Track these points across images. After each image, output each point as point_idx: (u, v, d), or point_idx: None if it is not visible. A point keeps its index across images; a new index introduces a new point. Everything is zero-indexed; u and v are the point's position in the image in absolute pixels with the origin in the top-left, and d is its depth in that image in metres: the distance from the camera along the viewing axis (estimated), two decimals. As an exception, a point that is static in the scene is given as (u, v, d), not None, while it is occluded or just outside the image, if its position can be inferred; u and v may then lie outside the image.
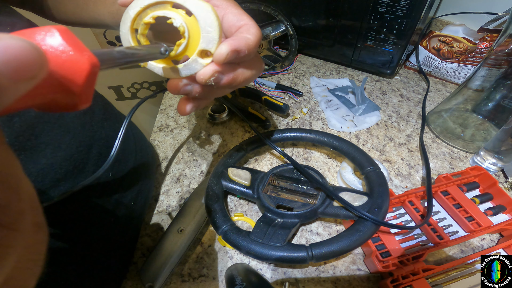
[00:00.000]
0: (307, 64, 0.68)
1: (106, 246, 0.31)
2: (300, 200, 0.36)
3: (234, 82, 0.20)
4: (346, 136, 0.50)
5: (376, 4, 0.51)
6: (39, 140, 0.22)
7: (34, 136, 0.22)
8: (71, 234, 0.26)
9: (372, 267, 0.32)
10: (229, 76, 0.20)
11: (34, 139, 0.22)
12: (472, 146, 0.46)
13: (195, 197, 0.39)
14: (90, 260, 0.29)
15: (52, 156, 0.23)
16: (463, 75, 0.57)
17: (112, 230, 0.32)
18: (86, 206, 0.28)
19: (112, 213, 0.31)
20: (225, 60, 0.18)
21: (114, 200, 0.31)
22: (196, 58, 0.19)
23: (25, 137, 0.21)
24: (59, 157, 0.24)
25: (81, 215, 0.27)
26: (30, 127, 0.21)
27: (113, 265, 0.32)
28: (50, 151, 0.23)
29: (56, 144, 0.23)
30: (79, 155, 0.26)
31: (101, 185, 0.29)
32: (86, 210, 0.28)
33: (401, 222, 0.37)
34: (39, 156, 0.22)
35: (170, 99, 0.59)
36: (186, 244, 0.34)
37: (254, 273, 0.32)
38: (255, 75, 0.22)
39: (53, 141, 0.23)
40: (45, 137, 0.23)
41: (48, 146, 0.23)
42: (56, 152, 0.23)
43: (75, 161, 0.25)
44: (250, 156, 0.47)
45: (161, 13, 0.19)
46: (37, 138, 0.22)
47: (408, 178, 0.43)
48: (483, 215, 0.34)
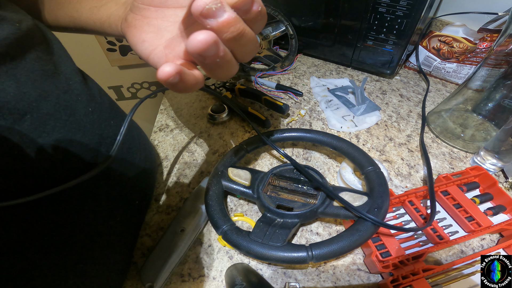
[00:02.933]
0: (307, 64, 0.68)
1: (110, 245, 0.31)
2: (300, 200, 0.36)
3: (234, 25, 0.17)
4: (346, 136, 0.50)
5: (376, 4, 0.51)
6: (51, 137, 0.22)
7: (45, 133, 0.22)
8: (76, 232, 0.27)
9: (372, 267, 0.32)
10: (231, 14, 0.16)
11: (46, 136, 0.22)
12: (472, 146, 0.46)
13: (195, 197, 0.39)
14: (94, 259, 0.29)
15: (64, 153, 0.23)
16: (463, 75, 0.57)
17: (117, 229, 0.32)
18: (95, 204, 0.28)
19: (120, 212, 0.31)
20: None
21: (122, 199, 0.31)
22: None
23: (37, 134, 0.21)
24: (70, 156, 0.24)
25: (89, 213, 0.27)
26: (42, 124, 0.21)
27: (115, 265, 0.32)
28: (62, 148, 0.23)
29: (68, 141, 0.24)
30: (89, 153, 0.26)
31: (110, 183, 0.30)
32: (95, 208, 0.28)
33: (401, 222, 0.37)
34: (50, 154, 0.22)
35: (170, 99, 0.59)
36: (186, 244, 0.34)
37: (254, 273, 0.32)
38: (253, 40, 0.19)
39: (65, 138, 0.23)
40: (57, 134, 0.23)
41: (60, 143, 0.23)
42: (68, 149, 0.24)
43: (84, 159, 0.25)
44: (250, 156, 0.47)
45: None
46: (49, 134, 0.22)
47: (408, 178, 0.43)
48: (483, 215, 0.34)
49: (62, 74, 0.25)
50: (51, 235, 0.24)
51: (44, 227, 0.24)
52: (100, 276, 0.30)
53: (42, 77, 0.22)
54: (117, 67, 1.00)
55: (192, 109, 0.56)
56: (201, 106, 0.57)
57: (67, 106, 0.24)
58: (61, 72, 0.25)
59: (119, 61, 0.96)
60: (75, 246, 0.27)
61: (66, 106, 0.24)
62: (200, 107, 0.57)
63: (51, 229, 0.24)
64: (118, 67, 1.00)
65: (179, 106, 0.58)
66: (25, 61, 0.21)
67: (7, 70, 0.20)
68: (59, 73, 0.25)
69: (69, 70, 0.27)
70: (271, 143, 0.40)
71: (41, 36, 0.25)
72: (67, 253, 0.26)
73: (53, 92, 0.23)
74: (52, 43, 0.26)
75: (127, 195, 0.33)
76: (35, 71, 0.22)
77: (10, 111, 0.20)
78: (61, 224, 0.25)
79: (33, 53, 0.22)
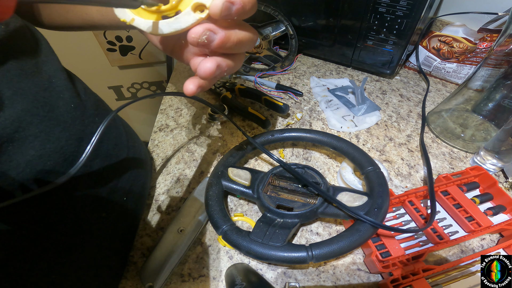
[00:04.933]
0: (307, 64, 0.68)
1: (99, 242, 0.31)
2: (300, 200, 0.36)
3: (228, 41, 0.19)
4: (346, 136, 0.50)
5: (376, 4, 0.51)
6: (27, 132, 0.23)
7: (21, 128, 0.22)
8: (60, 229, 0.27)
9: (372, 267, 0.32)
10: (222, 35, 0.19)
11: (22, 131, 0.22)
12: (472, 146, 0.46)
13: (195, 197, 0.39)
14: (83, 257, 0.29)
15: (41, 148, 0.24)
16: (463, 75, 0.57)
17: (104, 225, 0.32)
18: (76, 199, 0.28)
19: (104, 207, 0.31)
20: (222, 12, 0.17)
21: (106, 194, 0.31)
22: (189, 11, 0.18)
23: (12, 129, 0.21)
24: (48, 149, 0.24)
25: (70, 209, 0.27)
26: (16, 120, 0.22)
27: (107, 264, 0.32)
28: (39, 143, 0.23)
29: (45, 136, 0.24)
30: (69, 147, 0.26)
31: (92, 179, 0.30)
32: (76, 204, 0.28)
33: (401, 222, 0.37)
34: (27, 147, 0.23)
35: (170, 99, 0.59)
36: (186, 244, 0.34)
37: (254, 273, 0.32)
38: (248, 38, 0.21)
39: (42, 133, 0.24)
40: (34, 129, 0.23)
41: (37, 138, 0.23)
42: (45, 144, 0.24)
43: (64, 153, 0.26)
44: (250, 156, 0.47)
45: None
46: (24, 130, 0.22)
47: (408, 178, 0.43)
48: (483, 215, 0.34)
49: (44, 73, 0.25)
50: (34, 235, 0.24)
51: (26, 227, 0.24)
52: (89, 275, 0.30)
53: (19, 76, 0.23)
54: (117, 67, 1.00)
55: (192, 109, 0.56)
56: (201, 106, 0.57)
57: (46, 103, 0.24)
58: (43, 71, 0.25)
59: (119, 61, 0.96)
60: (59, 244, 0.27)
61: (45, 102, 0.24)
62: (200, 107, 0.57)
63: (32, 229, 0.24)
64: (118, 67, 1.00)
65: (179, 106, 0.58)
66: (6, 63, 0.22)
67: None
68: (41, 72, 0.25)
69: (53, 69, 0.27)
70: (262, 147, 0.38)
71: (29, 37, 0.25)
72: (51, 251, 0.26)
73: (31, 89, 0.23)
74: (40, 43, 0.27)
75: (112, 192, 0.33)
76: (12, 71, 0.22)
77: None
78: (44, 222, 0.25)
79: (13, 54, 0.23)
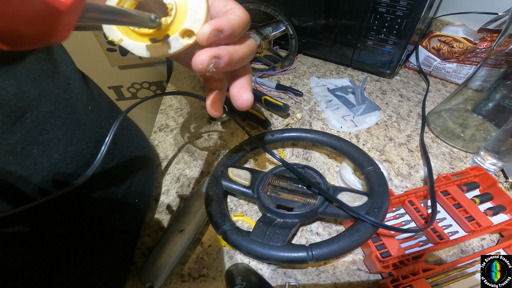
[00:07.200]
0: (307, 64, 0.68)
1: (110, 244, 0.31)
2: (300, 200, 0.36)
3: (232, 61, 0.20)
4: (346, 136, 0.50)
5: (376, 4, 0.51)
6: (51, 135, 0.23)
7: (46, 130, 0.22)
8: (78, 232, 0.27)
9: (372, 267, 0.32)
10: (226, 58, 0.19)
11: (46, 134, 0.22)
12: (472, 146, 0.46)
13: (195, 197, 0.39)
14: (93, 259, 0.29)
15: (64, 151, 0.24)
16: (463, 75, 0.57)
17: (116, 228, 0.32)
18: (93, 201, 0.28)
19: (118, 209, 0.32)
20: (208, 40, 0.18)
21: (121, 195, 0.32)
22: (177, 37, 0.19)
23: (37, 131, 0.21)
24: (71, 152, 0.24)
25: (87, 211, 0.28)
26: (42, 122, 0.22)
27: (116, 264, 0.32)
28: (62, 146, 0.23)
29: (68, 139, 0.24)
30: (88, 150, 0.26)
31: (109, 180, 0.30)
32: (93, 206, 0.28)
33: (401, 222, 0.37)
34: (52, 150, 0.23)
35: (170, 99, 0.59)
36: (186, 244, 0.34)
37: (254, 273, 0.32)
38: (248, 52, 0.21)
39: (65, 136, 0.24)
40: (58, 131, 0.23)
41: (60, 141, 0.23)
42: (68, 147, 0.24)
43: (85, 156, 0.26)
44: (250, 156, 0.47)
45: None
46: (49, 132, 0.22)
47: (408, 178, 0.43)
48: (483, 215, 0.34)
49: (62, 73, 0.25)
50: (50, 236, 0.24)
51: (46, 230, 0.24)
52: (100, 276, 0.30)
53: (41, 76, 0.23)
54: (117, 67, 1.00)
55: (192, 109, 0.56)
56: (201, 106, 0.57)
57: (67, 105, 0.25)
58: (60, 71, 0.25)
59: (119, 61, 0.96)
60: (75, 246, 0.27)
61: (66, 104, 0.24)
62: (200, 107, 0.57)
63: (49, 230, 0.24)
64: (118, 67, 1.00)
65: (179, 106, 0.58)
66: (25, 60, 0.22)
67: (7, 69, 0.20)
68: (59, 73, 0.25)
69: (69, 69, 0.27)
70: (264, 147, 0.39)
71: None
72: (67, 253, 0.26)
73: (53, 91, 0.23)
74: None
75: (126, 193, 0.33)
76: (34, 71, 0.22)
77: (12, 109, 0.20)
78: (59, 224, 0.25)
79: (32, 53, 0.22)
